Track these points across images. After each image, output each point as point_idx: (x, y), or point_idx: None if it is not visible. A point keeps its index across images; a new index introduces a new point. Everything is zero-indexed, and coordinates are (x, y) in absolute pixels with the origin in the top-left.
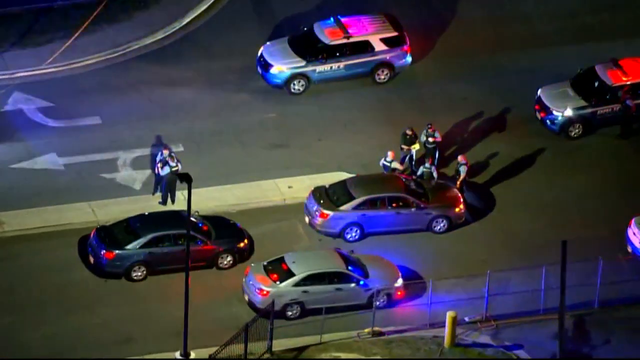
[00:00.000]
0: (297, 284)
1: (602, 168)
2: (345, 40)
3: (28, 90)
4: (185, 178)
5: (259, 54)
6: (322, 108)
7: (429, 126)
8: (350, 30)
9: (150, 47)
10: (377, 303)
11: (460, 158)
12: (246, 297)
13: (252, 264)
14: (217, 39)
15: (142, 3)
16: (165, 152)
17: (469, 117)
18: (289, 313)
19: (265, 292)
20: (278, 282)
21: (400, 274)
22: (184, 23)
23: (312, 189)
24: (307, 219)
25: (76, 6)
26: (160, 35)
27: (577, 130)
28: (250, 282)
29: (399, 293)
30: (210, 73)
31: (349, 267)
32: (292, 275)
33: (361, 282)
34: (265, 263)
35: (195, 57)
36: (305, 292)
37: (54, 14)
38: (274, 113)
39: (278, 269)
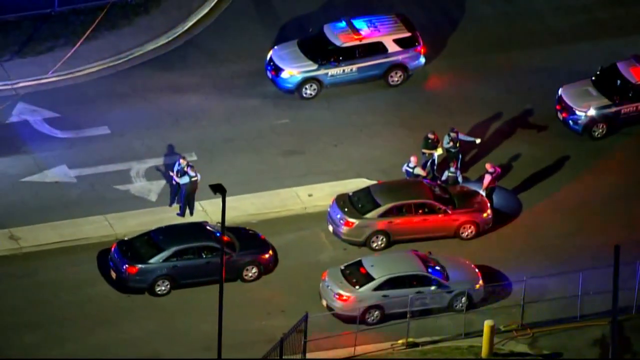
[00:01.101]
0: (376, 288)
1: (629, 169)
2: (357, 42)
3: (32, 101)
4: (219, 189)
5: (267, 57)
6: (336, 112)
7: (453, 130)
8: (362, 32)
9: (153, 53)
10: (459, 306)
11: (487, 166)
12: (324, 303)
13: (329, 269)
14: (222, 43)
15: (143, 8)
16: (183, 162)
17: (488, 119)
18: (369, 318)
19: (345, 298)
20: (357, 287)
21: (480, 275)
22: (186, 27)
23: (335, 196)
24: (330, 228)
25: (75, 12)
26: (163, 40)
27: (600, 130)
28: (329, 287)
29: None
30: (217, 78)
31: (429, 270)
32: (372, 279)
33: (442, 285)
34: (342, 267)
35: (200, 62)
36: (385, 296)
37: (52, 21)
38: (286, 119)
39: (356, 273)
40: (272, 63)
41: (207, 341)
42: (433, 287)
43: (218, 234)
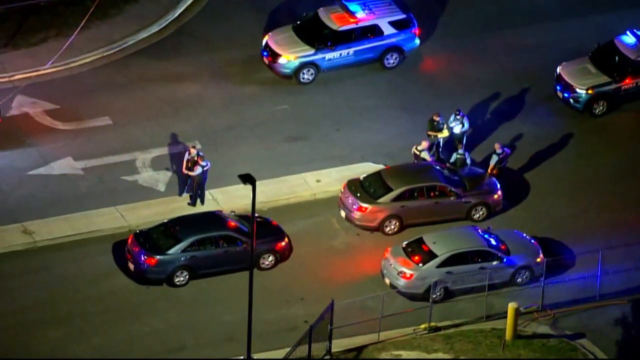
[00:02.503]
0: (440, 265)
1: (632, 145)
2: (353, 25)
3: (31, 93)
4: (249, 179)
5: (263, 43)
6: (334, 97)
7: (458, 112)
8: (358, 15)
9: (147, 42)
10: (520, 280)
11: (496, 146)
12: (387, 281)
13: (391, 247)
14: (214, 29)
15: None
16: (193, 152)
17: (486, 99)
18: (433, 295)
19: (409, 275)
20: (421, 265)
21: (540, 249)
22: (177, 14)
23: (346, 182)
24: (343, 213)
25: (64, 2)
26: (155, 28)
27: (601, 108)
28: (392, 266)
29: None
30: (213, 66)
31: (490, 245)
32: (435, 256)
33: (504, 259)
34: (404, 245)
35: (194, 50)
36: (449, 272)
37: (42, 12)
38: (286, 104)
39: (419, 251)
40: (268, 49)
41: (229, 332)
42: (495, 262)
43: (234, 224)
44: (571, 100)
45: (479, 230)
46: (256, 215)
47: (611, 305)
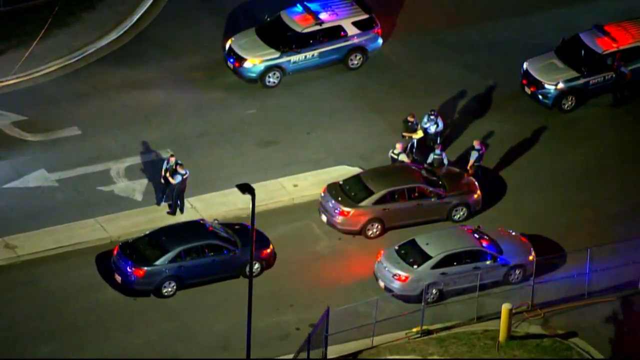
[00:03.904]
0: (434, 266)
1: (603, 139)
2: (317, 27)
3: None
4: (247, 189)
5: (227, 47)
6: (302, 99)
7: (432, 112)
8: (321, 16)
9: (108, 49)
10: (513, 279)
11: (475, 143)
12: (381, 284)
13: (384, 250)
14: (173, 34)
15: (88, 2)
16: (172, 160)
17: (453, 97)
18: (428, 297)
19: (403, 278)
20: (415, 267)
21: (532, 247)
22: (135, 20)
23: (326, 185)
24: (324, 218)
25: (22, 11)
26: (114, 35)
27: (570, 103)
28: (386, 269)
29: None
30: (176, 71)
31: (483, 244)
32: (429, 257)
33: (498, 259)
34: (396, 247)
35: (156, 56)
36: (443, 274)
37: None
38: (254, 109)
39: (412, 253)
40: (233, 53)
41: (222, 340)
42: (488, 262)
43: (218, 232)
44: (540, 96)
45: (471, 230)
46: (241, 222)
47: (601, 302)
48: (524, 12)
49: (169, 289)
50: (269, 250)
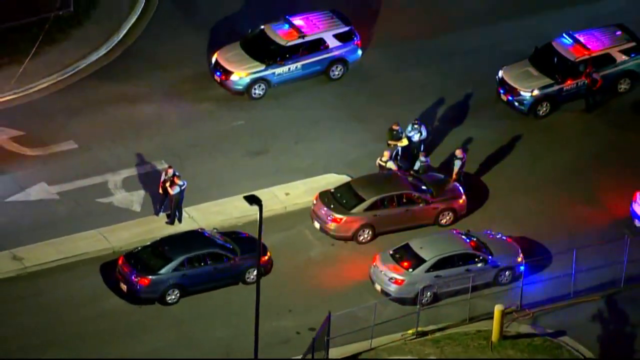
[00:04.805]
0: (429, 270)
1: (579, 143)
2: (300, 40)
3: None
4: (255, 200)
5: (213, 61)
6: (287, 110)
7: (416, 121)
8: (303, 30)
9: (97, 64)
10: (503, 280)
11: (457, 152)
12: (378, 288)
13: (379, 254)
14: (159, 48)
15: (75, 20)
16: (170, 172)
17: (432, 105)
18: (423, 299)
19: (400, 281)
20: (410, 270)
21: (519, 248)
22: (121, 36)
23: (318, 193)
24: (317, 225)
25: (11, 30)
26: (103, 51)
27: (544, 109)
28: (382, 272)
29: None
30: (164, 85)
31: (474, 247)
32: (423, 261)
33: (489, 261)
34: (391, 252)
35: (144, 70)
36: (437, 276)
37: None
38: (242, 120)
39: (407, 257)
40: (219, 67)
41: (225, 347)
42: (480, 264)
43: (218, 241)
44: (516, 102)
45: (461, 234)
46: (237, 231)
47: (587, 302)
48: (495, 20)
49: (173, 297)
50: (266, 258)
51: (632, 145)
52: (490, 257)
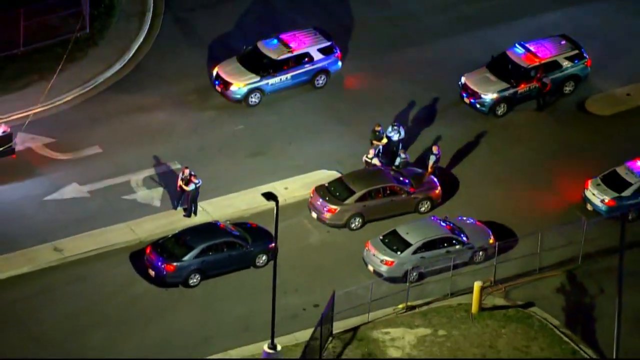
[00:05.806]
0: (415, 252)
1: (533, 138)
2: (289, 55)
3: (29, 130)
4: (272, 197)
5: (214, 74)
6: (280, 116)
7: (395, 123)
8: (291, 45)
9: (113, 79)
10: (478, 259)
11: (434, 148)
12: (370, 269)
13: (371, 240)
14: (165, 64)
15: (91, 40)
16: (186, 172)
17: (405, 108)
18: (411, 278)
19: (390, 262)
20: (399, 253)
21: (490, 232)
22: (132, 53)
23: (314, 187)
24: (314, 215)
25: (37, 51)
26: (117, 67)
27: (502, 109)
28: (374, 256)
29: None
30: (172, 96)
31: (452, 231)
32: (409, 244)
33: (465, 243)
34: (381, 237)
35: (154, 84)
36: (422, 258)
37: (20, 60)
38: (242, 125)
39: (395, 241)
40: (220, 79)
41: (244, 323)
42: (458, 246)
43: (232, 231)
44: (477, 104)
45: (440, 220)
46: (245, 222)
47: (551, 277)
48: (453, 33)
49: (195, 280)
50: (273, 245)
51: (577, 139)
52: (465, 239)
